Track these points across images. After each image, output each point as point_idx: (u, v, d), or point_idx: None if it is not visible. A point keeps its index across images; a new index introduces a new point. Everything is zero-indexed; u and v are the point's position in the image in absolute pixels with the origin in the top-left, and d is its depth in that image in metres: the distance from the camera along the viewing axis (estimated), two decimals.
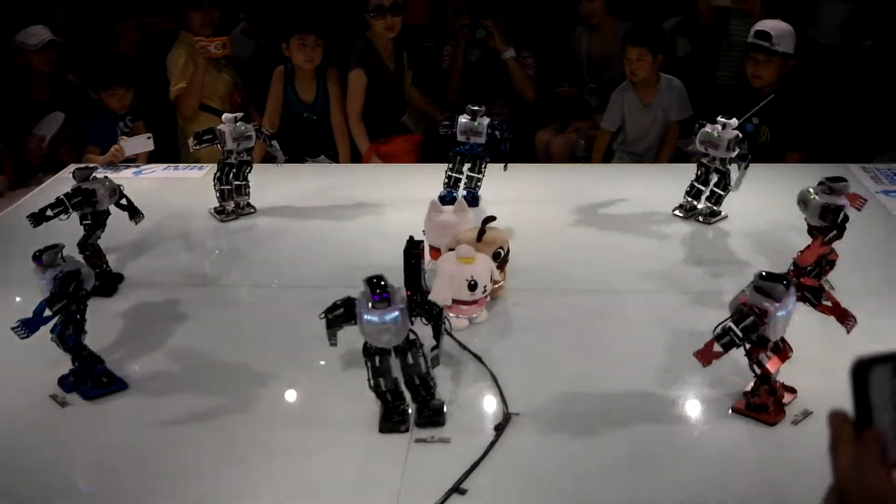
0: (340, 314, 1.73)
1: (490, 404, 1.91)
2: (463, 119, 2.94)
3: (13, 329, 1.82)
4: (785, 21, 3.97)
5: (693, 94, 4.30)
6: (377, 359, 1.75)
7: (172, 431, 1.86)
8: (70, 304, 1.89)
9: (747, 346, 1.77)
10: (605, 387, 1.97)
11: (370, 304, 1.66)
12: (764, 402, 1.83)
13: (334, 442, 1.80)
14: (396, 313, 1.67)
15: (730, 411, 1.87)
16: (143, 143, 3.75)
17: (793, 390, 1.88)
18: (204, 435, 1.85)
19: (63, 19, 5.09)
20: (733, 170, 2.82)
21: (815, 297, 1.80)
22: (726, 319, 1.74)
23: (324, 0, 4.82)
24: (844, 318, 1.80)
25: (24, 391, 2.01)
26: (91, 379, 1.97)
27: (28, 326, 1.83)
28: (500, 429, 1.80)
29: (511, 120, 4.83)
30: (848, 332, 1.81)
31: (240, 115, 2.96)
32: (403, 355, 1.75)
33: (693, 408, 1.90)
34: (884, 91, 4.22)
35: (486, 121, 2.93)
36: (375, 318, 1.67)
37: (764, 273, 1.72)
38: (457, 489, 1.63)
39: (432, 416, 1.82)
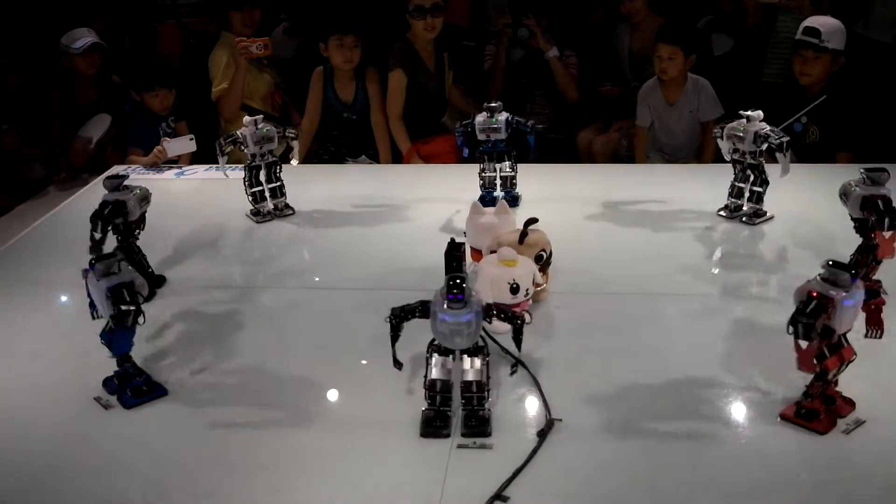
0: (414, 307, 1.75)
1: (532, 409, 1.88)
2: (480, 118, 2.92)
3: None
4: (835, 17, 3.88)
5: (737, 93, 4.22)
6: (440, 359, 1.75)
7: (211, 437, 1.86)
8: (138, 310, 1.88)
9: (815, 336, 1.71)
10: (650, 391, 1.93)
11: (445, 304, 1.66)
12: (815, 408, 1.78)
13: (375, 447, 1.78)
14: (471, 315, 1.67)
15: (778, 419, 1.81)
16: (185, 144, 3.77)
17: (852, 402, 1.82)
18: (242, 440, 1.83)
19: (107, 21, 5.16)
20: (773, 169, 2.76)
21: (870, 295, 1.76)
22: (796, 309, 1.68)
23: (363, 0, 4.83)
24: (874, 324, 1.78)
25: (68, 393, 2.01)
26: (130, 389, 1.97)
27: (115, 349, 1.89)
28: (542, 435, 1.77)
29: (553, 119, 4.80)
30: (864, 337, 1.78)
31: (260, 117, 2.96)
32: (469, 359, 1.74)
33: (739, 412, 1.86)
34: None
35: (503, 116, 2.90)
36: (449, 318, 1.67)
37: (831, 261, 1.68)
38: (499, 496, 1.60)
39: (478, 426, 1.79)
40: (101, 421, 1.91)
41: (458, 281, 1.67)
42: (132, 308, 1.86)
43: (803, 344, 1.69)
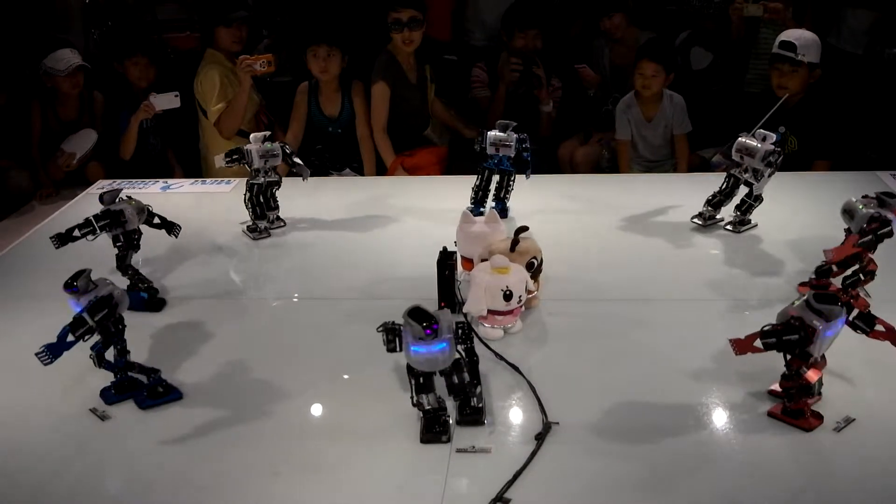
0: (394, 345, 1.75)
1: (529, 414, 1.90)
2: (492, 133, 2.94)
3: (37, 355, 1.81)
4: (813, 29, 3.96)
5: (717, 105, 4.30)
6: (421, 378, 1.76)
7: (207, 445, 1.86)
8: (94, 330, 1.88)
9: (788, 356, 1.76)
10: (642, 394, 1.97)
11: (419, 338, 1.67)
12: (800, 408, 1.82)
13: (374, 453, 1.80)
14: (444, 344, 1.69)
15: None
16: (170, 100, 4.08)
17: (819, 417, 1.84)
18: (240, 449, 1.84)
19: (84, 41, 5.15)
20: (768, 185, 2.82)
21: (867, 324, 1.78)
22: (776, 325, 1.74)
23: (336, 11, 4.85)
24: None
25: (62, 405, 2.01)
26: (147, 389, 1.98)
27: (52, 352, 1.83)
28: (540, 438, 1.79)
29: (534, 132, 4.83)
30: None
31: (268, 133, 2.98)
32: (449, 376, 1.77)
33: (730, 413, 1.90)
34: None
35: (514, 134, 2.93)
36: (423, 349, 1.68)
37: (818, 294, 1.71)
38: (500, 499, 1.63)
39: (472, 413, 1.83)
40: (96, 432, 1.91)
41: (426, 315, 1.66)
42: (89, 326, 1.87)
43: (758, 343, 1.73)
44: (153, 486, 1.75)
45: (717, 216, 2.91)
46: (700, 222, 2.93)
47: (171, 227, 2.59)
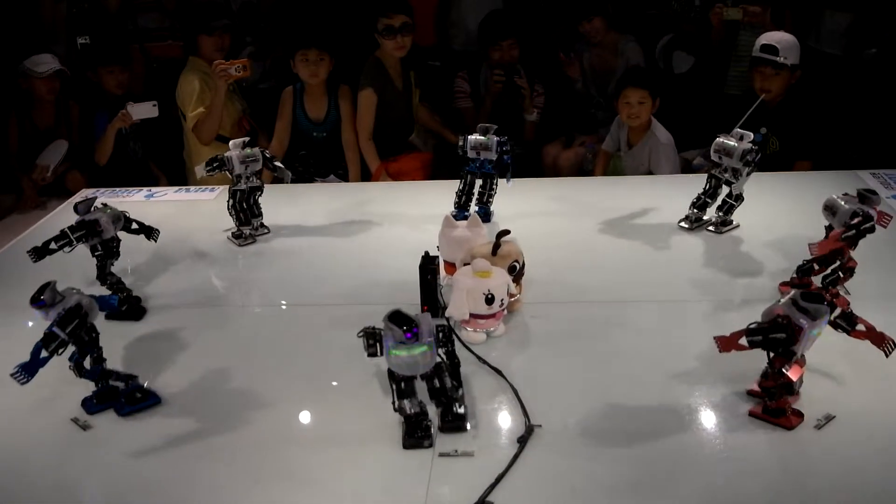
0: (375, 349, 1.75)
1: (512, 417, 1.90)
2: (473, 137, 2.95)
3: (12, 375, 1.77)
4: (792, 31, 3.98)
5: (699, 107, 4.31)
6: (402, 383, 1.76)
7: (190, 454, 1.85)
8: (67, 343, 1.84)
9: (772, 354, 1.77)
10: (625, 396, 1.97)
11: (400, 341, 1.68)
12: (781, 406, 1.83)
13: (357, 459, 1.80)
14: (425, 347, 1.69)
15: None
16: (148, 109, 4.14)
17: (800, 415, 1.85)
18: (222, 457, 1.83)
19: (67, 45, 5.13)
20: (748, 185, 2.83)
21: (849, 323, 1.80)
22: (762, 323, 1.74)
23: (326, 15, 4.85)
24: (881, 341, 1.79)
25: (45, 414, 2.00)
26: (125, 396, 1.97)
27: (27, 371, 1.78)
28: (522, 441, 1.80)
29: (518, 135, 4.84)
30: (887, 356, 1.79)
31: (246, 139, 2.96)
32: (430, 380, 1.77)
33: (712, 414, 1.90)
34: (890, 98, 4.26)
35: (495, 138, 2.94)
36: (404, 353, 1.68)
37: (804, 293, 1.72)
38: (483, 502, 1.63)
39: (454, 420, 1.82)
40: (78, 442, 1.90)
41: (407, 318, 1.67)
42: (61, 339, 1.83)
43: (743, 341, 1.73)
44: (134, 495, 1.74)
45: (704, 218, 2.92)
46: (687, 225, 2.94)
47: (149, 232, 2.58)
